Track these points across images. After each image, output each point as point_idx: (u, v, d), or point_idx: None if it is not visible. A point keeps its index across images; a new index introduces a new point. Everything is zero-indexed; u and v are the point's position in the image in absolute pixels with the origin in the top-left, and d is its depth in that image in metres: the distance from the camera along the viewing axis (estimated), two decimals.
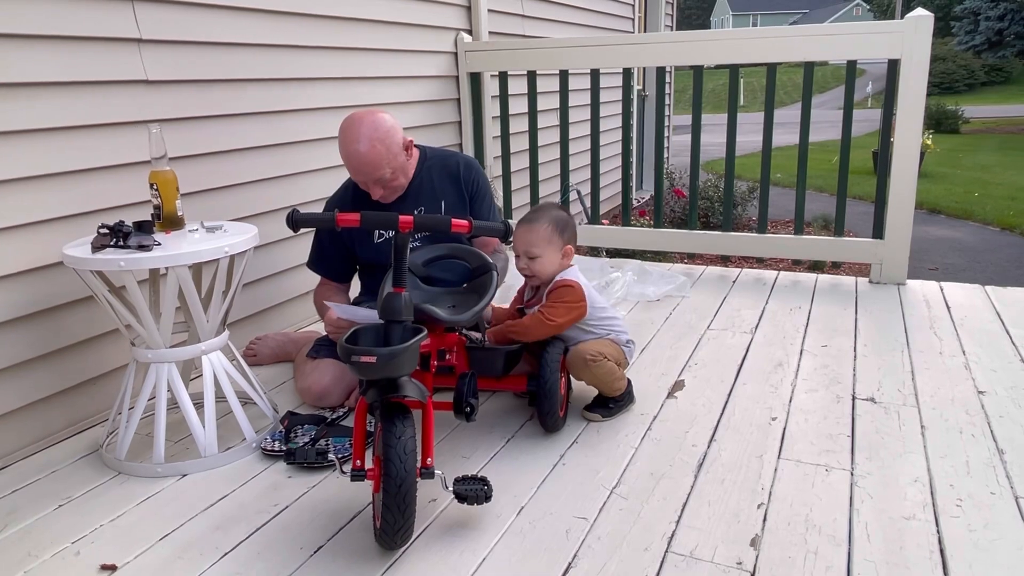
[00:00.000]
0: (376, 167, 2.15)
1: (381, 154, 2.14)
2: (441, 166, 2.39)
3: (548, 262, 2.05)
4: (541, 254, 2.04)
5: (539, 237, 2.03)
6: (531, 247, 2.04)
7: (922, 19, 3.05)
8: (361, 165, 2.15)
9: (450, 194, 2.37)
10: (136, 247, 1.82)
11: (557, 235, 2.04)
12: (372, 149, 2.12)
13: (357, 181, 2.22)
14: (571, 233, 2.09)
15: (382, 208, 2.28)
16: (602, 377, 2.06)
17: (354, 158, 2.14)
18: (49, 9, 2.03)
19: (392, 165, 2.18)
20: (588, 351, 2.03)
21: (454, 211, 2.35)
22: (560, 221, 2.07)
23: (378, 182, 2.19)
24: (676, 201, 6.45)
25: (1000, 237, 7.48)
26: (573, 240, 2.10)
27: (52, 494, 1.84)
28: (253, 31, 2.69)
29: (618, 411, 2.15)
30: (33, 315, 2.05)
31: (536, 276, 2.08)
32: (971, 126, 16.73)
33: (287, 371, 2.55)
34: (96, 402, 2.24)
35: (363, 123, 2.13)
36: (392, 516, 1.46)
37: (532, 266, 2.05)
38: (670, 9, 8.71)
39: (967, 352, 2.53)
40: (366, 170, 2.15)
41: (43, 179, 2.05)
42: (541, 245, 2.03)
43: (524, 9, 4.78)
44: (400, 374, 1.50)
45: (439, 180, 2.37)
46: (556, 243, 2.05)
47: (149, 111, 2.32)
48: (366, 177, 2.18)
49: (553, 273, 2.07)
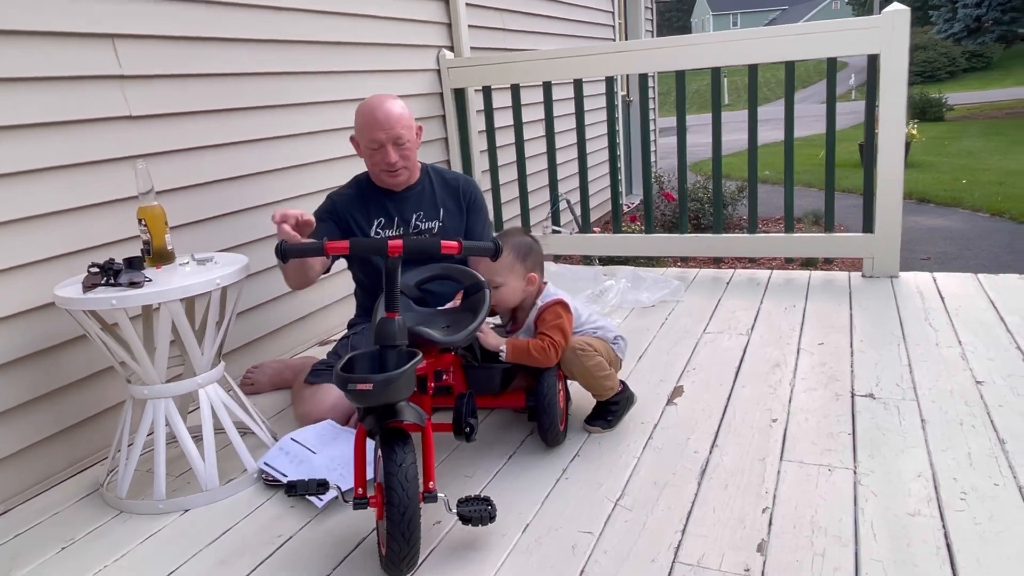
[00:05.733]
0: (402, 122, 2.28)
1: (407, 115, 2.31)
2: (441, 179, 2.51)
3: (510, 290, 2.03)
4: (503, 282, 2.02)
5: (500, 265, 1.98)
6: (492, 275, 2.00)
7: (899, 13, 3.08)
8: (390, 118, 2.26)
9: (450, 205, 2.47)
10: (127, 284, 1.81)
11: (519, 263, 2.02)
12: (401, 109, 2.30)
13: (378, 138, 2.28)
14: (534, 260, 2.06)
15: (384, 204, 2.39)
16: (592, 370, 2.02)
17: (382, 111, 2.27)
18: (28, 51, 2.03)
19: (411, 132, 2.32)
20: (576, 342, 2.02)
21: (453, 221, 2.45)
22: (522, 248, 2.04)
23: (397, 141, 2.28)
24: (666, 204, 6.46)
25: (990, 223, 7.51)
26: (538, 267, 2.07)
27: (55, 537, 1.83)
28: (235, 60, 2.70)
29: (619, 417, 2.14)
30: (29, 357, 2.05)
31: (498, 304, 2.06)
32: (955, 113, 16.81)
33: (285, 398, 2.55)
34: (95, 441, 2.23)
35: (390, 96, 2.33)
36: (398, 544, 1.46)
37: (495, 295, 2.01)
38: (650, 14, 8.76)
39: (963, 342, 2.54)
40: (392, 122, 2.26)
41: (31, 220, 2.05)
42: (502, 273, 2.01)
43: (505, 23, 4.80)
44: (397, 399, 1.50)
45: (440, 190, 2.48)
46: (517, 271, 2.02)
47: (134, 146, 2.32)
48: (390, 131, 2.26)
49: (515, 301, 2.06)
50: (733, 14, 52.84)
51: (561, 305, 2.04)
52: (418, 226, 2.42)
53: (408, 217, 2.41)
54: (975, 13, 27.36)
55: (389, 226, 2.40)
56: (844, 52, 3.21)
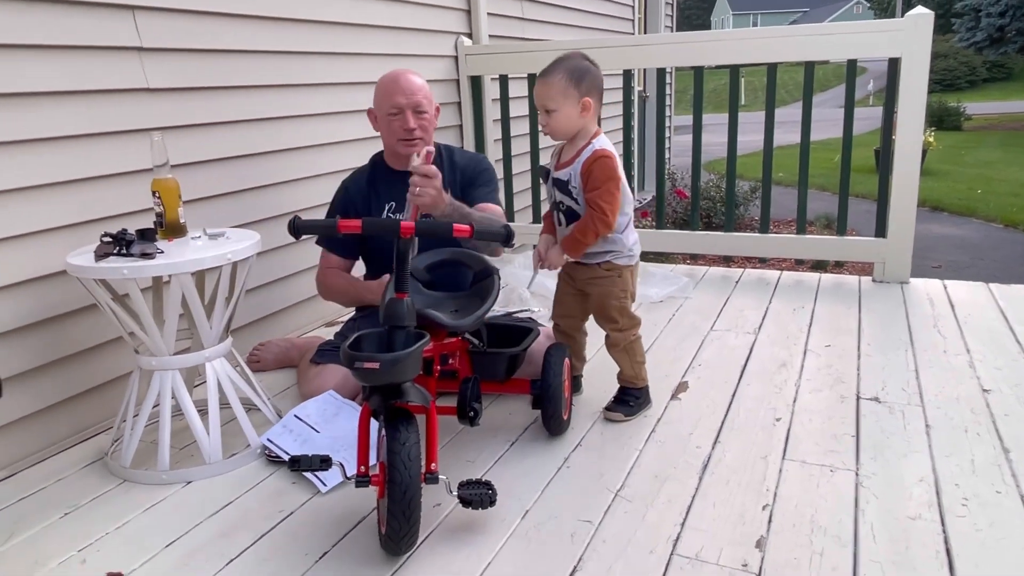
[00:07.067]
0: (423, 91, 2.32)
1: (427, 88, 2.35)
2: (453, 162, 2.45)
3: (564, 116, 1.93)
4: (556, 108, 1.91)
5: (553, 90, 1.90)
6: (546, 101, 1.92)
7: (922, 17, 3.05)
8: (412, 85, 2.30)
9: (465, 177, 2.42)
10: (139, 255, 1.82)
11: (572, 87, 1.90)
12: (423, 81, 2.34)
13: (399, 103, 2.28)
14: (590, 83, 1.92)
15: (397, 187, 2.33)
16: (635, 354, 2.10)
17: (404, 78, 2.31)
18: (51, 19, 2.04)
19: (431, 106, 2.34)
20: (621, 326, 2.06)
21: (466, 195, 2.36)
22: (576, 71, 1.91)
23: (417, 108, 2.30)
24: (678, 202, 6.45)
25: (1004, 234, 7.47)
26: (593, 92, 1.93)
27: (58, 502, 1.85)
28: (253, 38, 2.70)
29: (640, 408, 2.15)
30: (38, 324, 2.06)
31: (554, 133, 1.97)
32: (973, 123, 16.68)
33: (290, 377, 2.56)
34: (101, 410, 2.24)
35: (410, 69, 2.37)
36: (398, 522, 1.46)
37: (549, 122, 1.94)
38: (670, 10, 8.71)
39: (971, 350, 2.52)
40: (414, 89, 2.30)
41: (46, 188, 2.06)
42: (556, 99, 1.91)
43: (524, 12, 4.78)
44: (403, 380, 1.50)
45: (451, 173, 2.41)
46: (572, 95, 1.91)
47: (151, 119, 2.32)
48: (411, 97, 2.28)
49: (571, 129, 1.96)
50: (754, 14, 52.46)
51: (611, 160, 1.93)
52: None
53: None
54: (998, 23, 27.09)
55: (400, 210, 2.40)
56: (865, 54, 3.18)
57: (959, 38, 28.59)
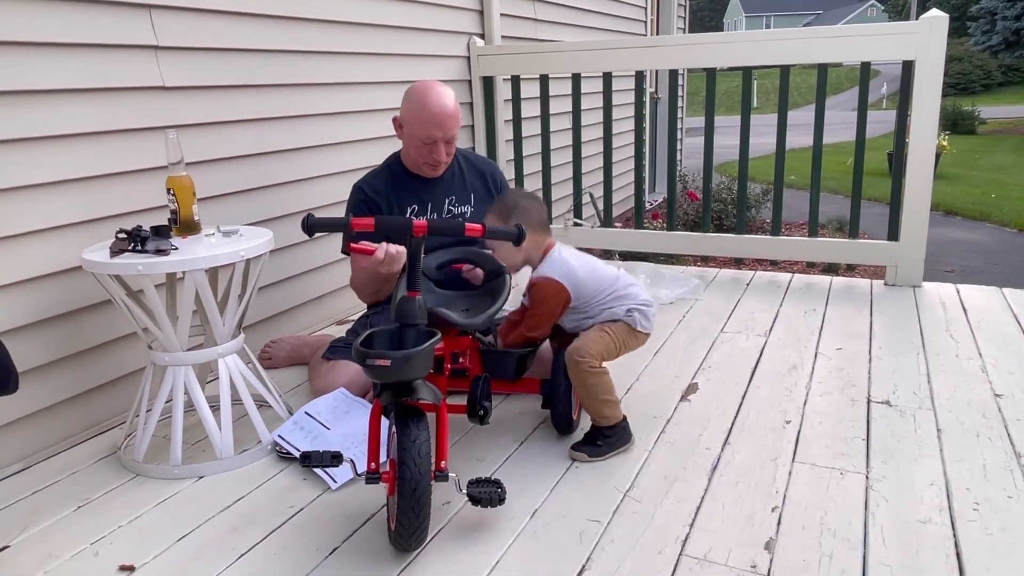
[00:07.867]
0: (456, 120, 2.29)
1: (459, 112, 2.31)
2: (470, 164, 2.51)
3: (504, 254, 1.96)
4: (492, 246, 1.98)
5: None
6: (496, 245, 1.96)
7: (937, 20, 3.04)
8: (448, 119, 2.26)
9: (479, 189, 2.48)
10: (153, 251, 1.84)
11: (501, 224, 1.88)
12: (456, 109, 2.29)
13: (434, 136, 2.26)
14: (520, 218, 1.84)
15: (417, 190, 2.38)
16: (592, 389, 1.88)
17: (440, 108, 2.25)
18: (67, 17, 2.06)
19: (459, 125, 2.32)
20: (581, 348, 1.88)
21: (482, 205, 2.43)
22: (507, 209, 1.91)
23: (450, 140, 2.30)
24: (689, 204, 6.44)
25: (1018, 239, 7.41)
26: (533, 227, 1.85)
27: (72, 495, 1.87)
28: (269, 37, 2.72)
29: (610, 449, 1.91)
30: (53, 319, 2.08)
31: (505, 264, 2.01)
32: (988, 127, 16.56)
33: (302, 374, 2.57)
34: (115, 404, 2.26)
35: (444, 87, 2.29)
36: (407, 519, 1.47)
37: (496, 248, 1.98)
38: (682, 11, 8.70)
39: (984, 354, 2.51)
40: (450, 124, 2.27)
41: (63, 184, 2.08)
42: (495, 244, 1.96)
43: (536, 13, 4.79)
44: (414, 377, 1.51)
45: (469, 174, 2.48)
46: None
47: (166, 117, 2.35)
48: (447, 132, 2.27)
49: (515, 264, 1.98)
50: (766, 16, 52.27)
51: (550, 286, 1.90)
52: (451, 211, 2.42)
53: (440, 203, 2.41)
54: (1014, 26, 26.86)
55: (422, 213, 2.40)
56: (879, 57, 3.17)
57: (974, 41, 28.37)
